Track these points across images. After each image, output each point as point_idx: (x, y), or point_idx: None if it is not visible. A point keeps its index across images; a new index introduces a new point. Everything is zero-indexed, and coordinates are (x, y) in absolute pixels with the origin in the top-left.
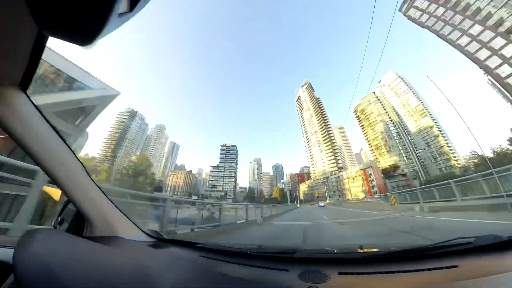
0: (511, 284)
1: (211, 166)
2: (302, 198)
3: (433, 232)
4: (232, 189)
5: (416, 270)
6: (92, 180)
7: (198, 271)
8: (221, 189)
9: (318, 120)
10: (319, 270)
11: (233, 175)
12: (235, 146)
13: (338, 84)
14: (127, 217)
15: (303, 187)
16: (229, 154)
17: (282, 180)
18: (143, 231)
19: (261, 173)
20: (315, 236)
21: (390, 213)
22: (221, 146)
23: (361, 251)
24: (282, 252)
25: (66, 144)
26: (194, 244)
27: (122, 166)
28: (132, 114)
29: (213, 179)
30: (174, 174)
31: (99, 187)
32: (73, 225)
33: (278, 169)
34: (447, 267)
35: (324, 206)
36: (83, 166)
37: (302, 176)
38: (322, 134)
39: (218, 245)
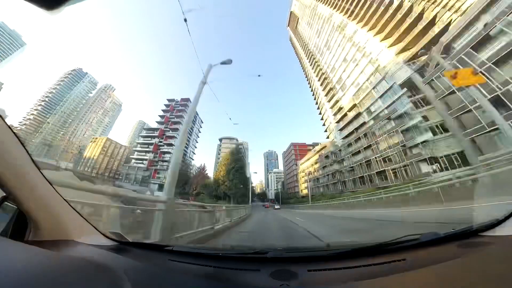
0: (448, 271)
1: (145, 130)
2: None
3: None
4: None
5: (374, 264)
6: (41, 172)
7: (166, 275)
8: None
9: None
10: (290, 268)
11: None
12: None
13: None
14: (83, 218)
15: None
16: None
17: (274, 170)
18: (102, 234)
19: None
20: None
21: None
22: (168, 100)
23: (328, 249)
24: (254, 253)
25: (8, 126)
26: (162, 246)
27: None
28: (78, 75)
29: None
30: (95, 142)
31: (49, 182)
32: (10, 228)
33: (270, 156)
34: (398, 260)
35: None
36: (30, 156)
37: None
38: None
39: (189, 247)
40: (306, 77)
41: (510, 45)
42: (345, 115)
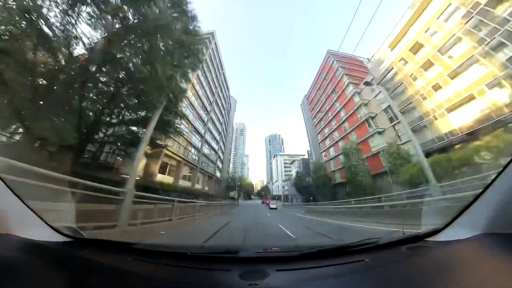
0: (399, 270)
1: None
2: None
3: None
4: None
5: (338, 264)
6: None
7: (127, 276)
8: None
9: None
10: (259, 268)
11: None
12: None
13: None
14: (27, 206)
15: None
16: None
17: (276, 157)
18: (52, 227)
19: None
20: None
21: None
22: None
23: (296, 249)
24: (224, 252)
25: None
26: (125, 244)
27: None
28: None
29: None
30: None
31: None
32: None
33: (274, 140)
34: (358, 261)
35: None
36: None
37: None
38: None
39: (155, 245)
40: None
41: None
42: None
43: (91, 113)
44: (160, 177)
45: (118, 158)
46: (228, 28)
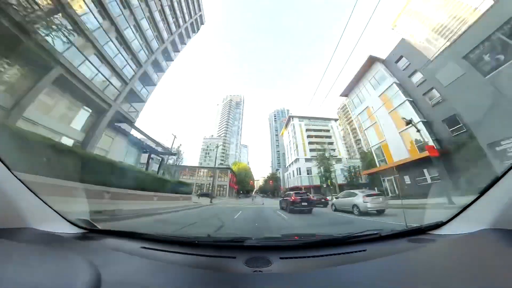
0: (399, 261)
1: None
2: None
3: None
4: None
5: (339, 253)
6: None
7: (138, 263)
8: None
9: None
10: (263, 256)
11: None
12: None
13: None
14: (43, 202)
15: None
16: None
17: (292, 120)
18: (68, 220)
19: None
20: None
21: None
22: None
23: (299, 239)
24: (230, 241)
25: None
26: (135, 234)
27: None
28: None
29: None
30: None
31: (4, 164)
32: None
33: (281, 117)
34: (360, 251)
35: None
36: None
37: None
38: None
39: (164, 235)
40: None
41: None
42: None
43: None
44: None
45: None
46: None
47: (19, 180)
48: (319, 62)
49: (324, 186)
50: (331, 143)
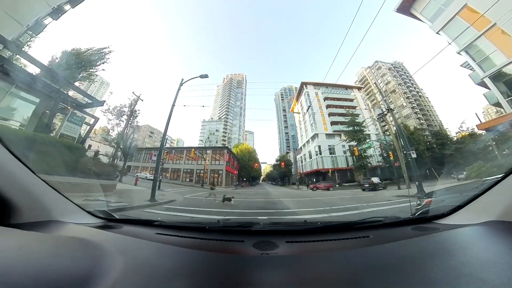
0: (402, 248)
1: None
2: None
3: None
4: None
5: (343, 239)
6: (11, 153)
7: (154, 247)
8: None
9: None
10: (270, 240)
11: None
12: None
13: None
14: (65, 198)
15: None
16: None
17: (305, 88)
18: (88, 212)
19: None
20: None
21: None
22: None
23: (304, 224)
24: (239, 226)
25: None
26: (150, 222)
27: None
28: None
29: None
30: None
31: (25, 165)
32: None
33: (288, 95)
34: (363, 237)
35: None
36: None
37: None
38: None
39: (177, 221)
40: None
41: None
42: None
43: None
44: None
45: None
46: None
47: (43, 180)
48: (332, 28)
49: (360, 168)
50: (357, 116)
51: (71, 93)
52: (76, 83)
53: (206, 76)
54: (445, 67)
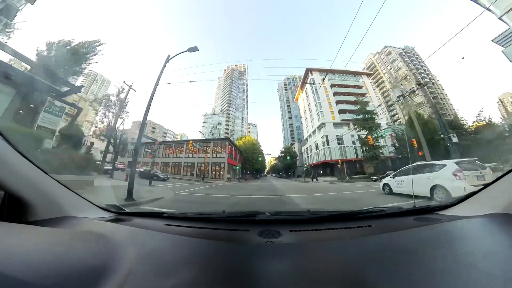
0: (403, 237)
1: None
2: None
3: None
4: None
5: (346, 228)
6: (20, 153)
7: (164, 238)
8: None
9: None
10: (274, 229)
11: None
12: None
13: None
14: (77, 194)
15: None
16: None
17: (311, 75)
18: (99, 207)
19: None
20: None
21: None
22: None
23: (308, 213)
24: (244, 216)
25: None
26: (159, 214)
27: None
28: None
29: None
30: None
31: (34, 164)
32: (4, 212)
33: (292, 84)
34: (366, 226)
35: None
36: (5, 138)
37: None
38: None
39: (185, 213)
40: None
41: None
42: None
43: None
44: None
45: None
46: None
47: (54, 179)
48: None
49: (371, 159)
50: (367, 103)
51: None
52: (71, 79)
53: (195, 49)
54: (459, 51)
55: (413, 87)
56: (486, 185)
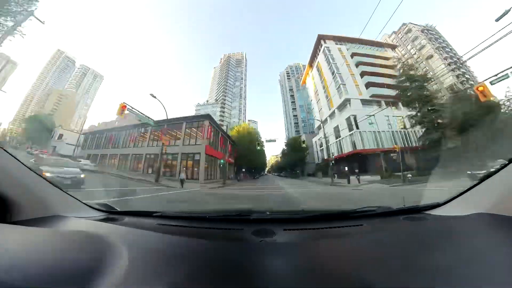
0: (393, 236)
1: None
2: None
3: None
4: None
5: (338, 227)
6: (3, 149)
7: (157, 237)
8: None
9: None
10: (268, 228)
11: None
12: None
13: None
14: (65, 192)
15: None
16: None
17: (324, 43)
18: (89, 206)
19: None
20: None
21: None
22: None
23: (301, 213)
24: (238, 215)
25: None
26: (151, 213)
27: None
28: None
29: None
30: None
31: (21, 162)
32: None
33: (295, 72)
34: (357, 225)
35: None
36: None
37: None
38: None
39: (177, 212)
40: None
41: None
42: None
43: None
44: None
45: None
46: None
47: (41, 176)
48: None
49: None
50: (412, 66)
51: None
52: None
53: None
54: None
55: None
56: (474, 185)
